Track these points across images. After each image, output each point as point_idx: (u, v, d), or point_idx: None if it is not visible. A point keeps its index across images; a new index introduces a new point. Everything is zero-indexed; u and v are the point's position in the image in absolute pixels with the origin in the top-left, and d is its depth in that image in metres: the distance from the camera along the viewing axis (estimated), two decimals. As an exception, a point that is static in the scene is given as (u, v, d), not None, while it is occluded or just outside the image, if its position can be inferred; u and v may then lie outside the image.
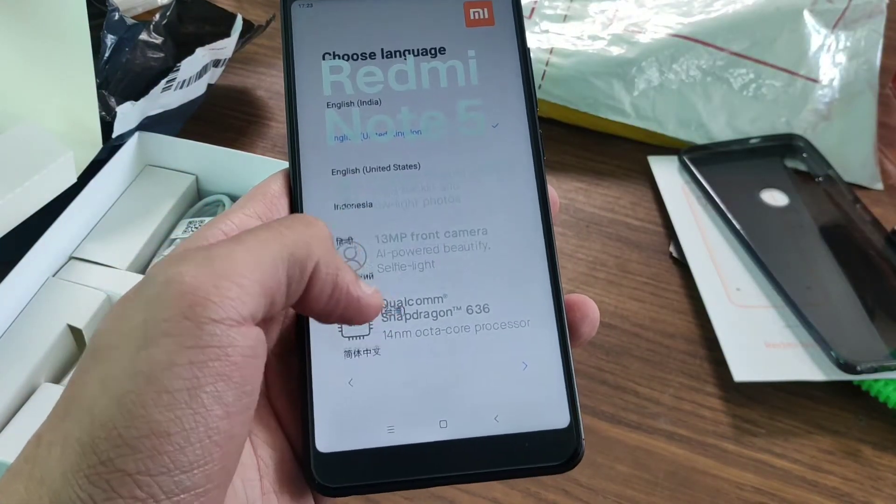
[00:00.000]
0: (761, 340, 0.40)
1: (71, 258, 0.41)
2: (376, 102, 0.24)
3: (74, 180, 0.41)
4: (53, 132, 0.40)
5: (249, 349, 0.18)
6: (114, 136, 0.43)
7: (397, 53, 0.25)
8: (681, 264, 0.46)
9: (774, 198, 0.48)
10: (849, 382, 0.39)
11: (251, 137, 0.54)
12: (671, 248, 0.47)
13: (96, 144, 0.42)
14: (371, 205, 0.24)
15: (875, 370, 0.38)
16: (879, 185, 0.52)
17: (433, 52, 0.25)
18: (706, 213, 0.48)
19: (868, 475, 0.37)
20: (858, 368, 0.37)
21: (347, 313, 0.21)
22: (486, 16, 0.25)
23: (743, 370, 0.39)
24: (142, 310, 0.18)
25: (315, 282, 0.20)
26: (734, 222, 0.46)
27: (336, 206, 0.24)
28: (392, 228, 0.23)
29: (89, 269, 0.40)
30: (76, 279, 0.40)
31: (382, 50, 0.25)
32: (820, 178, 0.50)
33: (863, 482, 0.37)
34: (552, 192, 0.24)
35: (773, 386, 0.40)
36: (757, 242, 0.45)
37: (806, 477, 0.37)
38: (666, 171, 0.51)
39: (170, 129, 0.49)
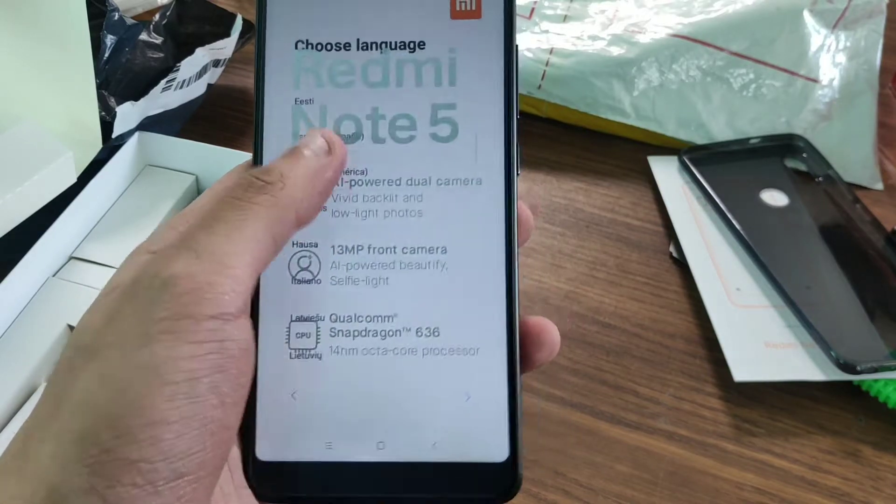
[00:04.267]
0: (761, 340, 0.40)
1: (71, 258, 0.41)
2: (346, 99, 0.23)
3: (74, 180, 0.41)
4: (53, 132, 0.40)
5: (244, 342, 0.19)
6: (114, 136, 0.43)
7: (374, 45, 0.23)
8: (681, 264, 0.46)
9: (774, 198, 0.48)
10: (849, 382, 0.39)
11: (251, 137, 0.54)
12: (671, 248, 0.47)
13: (96, 144, 0.42)
14: (330, 212, 0.23)
15: (875, 370, 0.38)
16: (879, 185, 0.52)
17: (412, 45, 0.23)
18: (706, 213, 0.48)
19: (868, 475, 0.37)
20: (858, 368, 0.37)
21: (335, 176, 0.22)
22: (474, 7, 0.23)
23: (743, 370, 0.39)
24: (139, 310, 0.18)
25: (304, 216, 0.21)
26: (734, 222, 0.46)
27: None
28: (349, 239, 0.22)
29: (89, 269, 0.40)
30: (76, 279, 0.40)
31: (358, 41, 0.23)
32: (820, 178, 0.50)
33: (863, 482, 0.37)
34: (525, 210, 0.23)
35: (773, 386, 0.40)
36: (757, 242, 0.45)
37: (806, 477, 0.37)
38: (666, 171, 0.51)
39: (170, 129, 0.49)
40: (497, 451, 0.21)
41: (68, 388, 0.18)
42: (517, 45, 0.23)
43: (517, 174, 0.23)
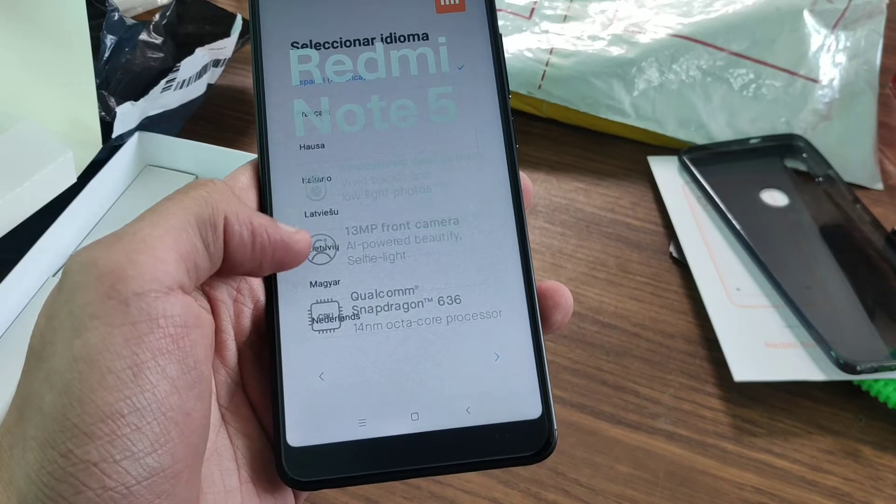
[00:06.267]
0: (761, 340, 0.40)
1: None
2: (345, 91, 0.24)
3: (74, 180, 0.41)
4: (53, 132, 0.40)
5: (180, 318, 0.18)
6: (114, 136, 0.43)
7: (367, 41, 0.24)
8: (681, 264, 0.46)
9: (774, 198, 0.48)
10: (849, 382, 0.39)
11: (251, 137, 0.54)
12: (671, 248, 0.47)
13: (96, 144, 0.42)
14: (341, 196, 0.23)
15: (875, 370, 0.38)
16: (879, 185, 0.52)
17: (403, 39, 0.24)
18: (706, 213, 0.48)
19: (868, 475, 0.37)
20: (858, 368, 0.37)
21: (277, 257, 0.21)
22: (457, 1, 0.25)
23: (743, 370, 0.39)
24: (66, 301, 0.17)
25: (231, 235, 0.20)
26: (734, 222, 0.46)
27: (307, 198, 0.23)
28: (362, 220, 0.23)
29: (89, 269, 0.40)
30: (76, 279, 0.40)
31: (352, 38, 0.24)
32: (820, 178, 0.50)
33: (863, 482, 0.37)
34: (525, 179, 0.24)
35: (773, 386, 0.40)
36: (757, 242, 0.45)
37: (806, 477, 0.37)
38: (666, 171, 0.51)
39: (170, 129, 0.49)
40: (530, 408, 0.22)
41: (26, 395, 0.17)
42: (501, 34, 0.25)
43: (515, 145, 0.24)
